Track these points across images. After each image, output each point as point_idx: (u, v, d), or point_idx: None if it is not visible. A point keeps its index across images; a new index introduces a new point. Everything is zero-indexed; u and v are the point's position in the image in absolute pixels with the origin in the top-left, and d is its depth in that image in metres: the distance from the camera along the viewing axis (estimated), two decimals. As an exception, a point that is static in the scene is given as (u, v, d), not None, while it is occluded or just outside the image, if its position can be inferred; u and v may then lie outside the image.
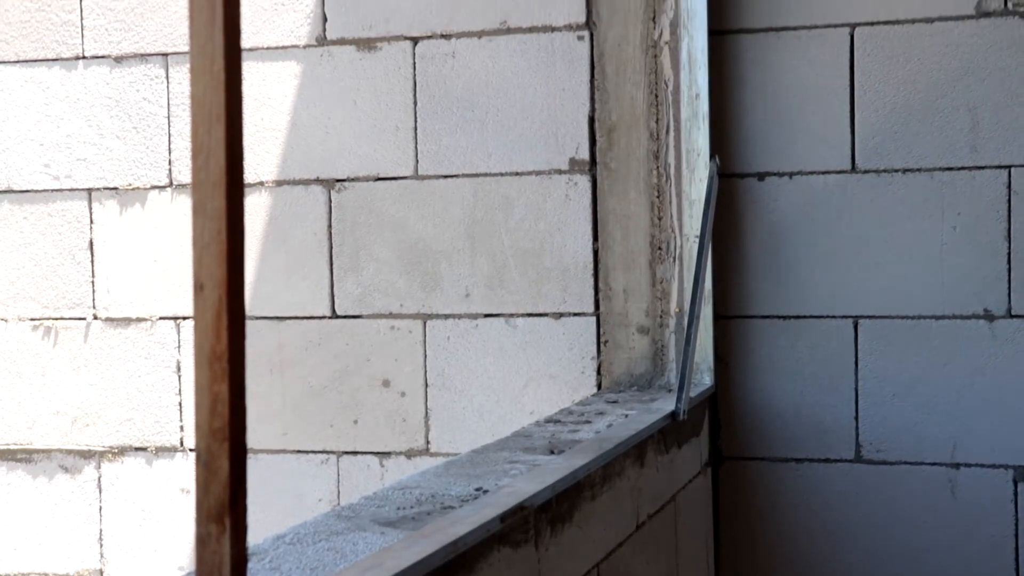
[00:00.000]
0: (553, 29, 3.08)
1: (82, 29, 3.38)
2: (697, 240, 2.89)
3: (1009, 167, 2.87)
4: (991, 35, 2.87)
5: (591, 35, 3.05)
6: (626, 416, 2.60)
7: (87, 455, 3.41)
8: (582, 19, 3.06)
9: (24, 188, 3.43)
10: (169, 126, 3.34)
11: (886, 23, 2.92)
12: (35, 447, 3.45)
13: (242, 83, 1.07)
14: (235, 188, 1.06)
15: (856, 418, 2.97)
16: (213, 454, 1.02)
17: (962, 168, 2.89)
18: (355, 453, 3.23)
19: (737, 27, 3.00)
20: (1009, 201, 2.87)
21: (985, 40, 2.87)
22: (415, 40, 3.16)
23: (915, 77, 2.92)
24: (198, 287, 1.04)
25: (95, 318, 3.40)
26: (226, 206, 1.05)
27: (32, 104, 3.42)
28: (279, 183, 3.26)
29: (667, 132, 2.99)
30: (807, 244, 2.98)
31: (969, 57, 2.88)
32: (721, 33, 3.00)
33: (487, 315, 3.14)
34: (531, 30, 3.09)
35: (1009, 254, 2.88)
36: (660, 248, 3.01)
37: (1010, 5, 2.86)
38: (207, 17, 1.05)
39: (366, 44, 3.19)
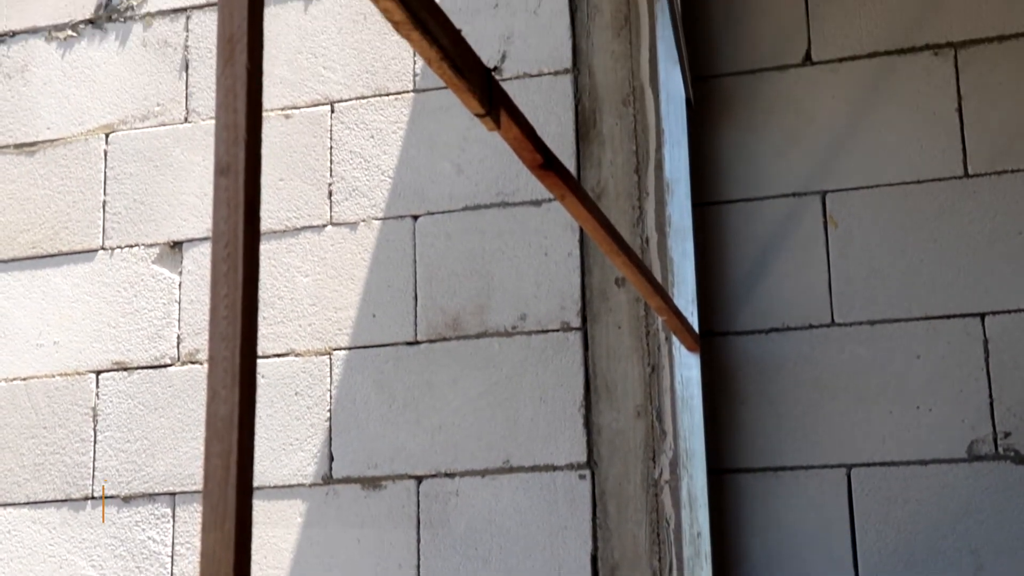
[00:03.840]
0: (555, 468, 3.13)
1: (93, 471, 3.44)
2: None
3: (1016, 609, 2.84)
4: (985, 478, 2.91)
5: (592, 474, 3.10)
6: None
7: None
8: (583, 458, 3.12)
9: (20, 628, 3.39)
10: (172, 564, 3.33)
11: (880, 464, 2.98)
12: None
13: (251, 538, 1.09)
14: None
15: None
16: None
17: (969, 610, 2.86)
18: None
19: (736, 467, 3.05)
20: (1020, 646, 2.82)
21: (980, 483, 2.91)
22: (419, 479, 3.21)
23: (915, 518, 2.94)
24: None
25: None
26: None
27: (38, 545, 3.42)
28: (279, 623, 3.21)
29: (670, 571, 2.98)
30: None
31: (967, 499, 2.91)
32: (720, 472, 3.05)
33: None
34: (533, 469, 3.14)
35: None
36: None
37: (1000, 449, 2.92)
38: (221, 476, 1.09)
39: (371, 483, 3.24)
